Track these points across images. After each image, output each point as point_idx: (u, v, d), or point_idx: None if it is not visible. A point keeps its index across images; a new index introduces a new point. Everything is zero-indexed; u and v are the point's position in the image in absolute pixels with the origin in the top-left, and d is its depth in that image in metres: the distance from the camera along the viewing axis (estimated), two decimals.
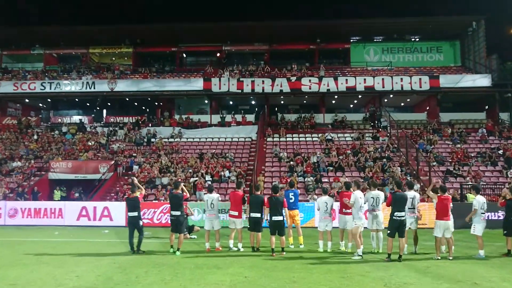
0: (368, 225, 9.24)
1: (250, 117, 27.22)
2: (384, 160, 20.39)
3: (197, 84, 26.97)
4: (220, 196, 16.29)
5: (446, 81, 26.01)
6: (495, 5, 31.39)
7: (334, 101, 28.58)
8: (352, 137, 24.06)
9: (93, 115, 30.47)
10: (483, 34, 27.98)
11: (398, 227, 8.20)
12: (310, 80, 26.36)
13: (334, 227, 9.84)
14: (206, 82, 26.71)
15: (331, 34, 29.57)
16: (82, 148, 23.50)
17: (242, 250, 9.58)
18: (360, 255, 8.46)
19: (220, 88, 26.54)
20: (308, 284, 6.43)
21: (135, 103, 30.60)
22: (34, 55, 32.42)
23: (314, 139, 24.13)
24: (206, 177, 19.15)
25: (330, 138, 23.68)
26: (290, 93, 26.61)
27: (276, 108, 29.85)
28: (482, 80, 25.98)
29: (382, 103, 27.09)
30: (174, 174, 19.48)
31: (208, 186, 10.70)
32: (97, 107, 29.97)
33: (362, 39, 31.05)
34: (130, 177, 20.01)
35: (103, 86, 27.24)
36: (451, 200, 8.97)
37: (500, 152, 21.35)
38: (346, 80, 26.28)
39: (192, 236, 12.36)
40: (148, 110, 30.45)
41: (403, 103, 30.12)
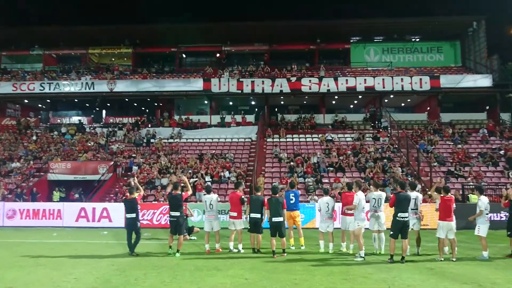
0: (370, 226, 9.15)
1: (250, 117, 27.12)
2: (384, 160, 20.31)
3: (196, 84, 26.88)
4: (220, 197, 16.26)
5: (446, 81, 25.96)
6: (496, 5, 31.32)
7: (334, 101, 28.49)
8: (352, 137, 23.99)
9: (92, 116, 30.32)
10: (483, 34, 27.94)
11: (402, 228, 8.10)
12: (310, 81, 26.28)
13: (336, 228, 9.75)
14: (206, 82, 26.63)
15: (331, 34, 29.50)
16: (81, 148, 23.38)
17: (242, 251, 9.49)
18: (362, 257, 8.36)
19: (220, 89, 26.45)
20: (310, 286, 6.34)
21: (135, 104, 30.49)
22: (33, 56, 32.34)
23: (314, 139, 24.05)
24: (206, 177, 19.05)
25: (331, 138, 23.59)
26: (290, 93, 26.53)
27: (276, 109, 29.77)
28: (483, 81, 25.94)
29: (382, 104, 27.03)
30: (174, 175, 19.35)
31: (206, 186, 10.49)
32: (96, 108, 29.85)
33: (362, 39, 30.98)
34: (130, 177, 19.99)
35: (102, 87, 27.15)
36: (454, 201, 8.85)
37: (501, 152, 21.27)
38: (346, 80, 26.21)
39: (192, 238, 12.26)
40: (147, 110, 30.33)
41: (403, 104, 30.03)
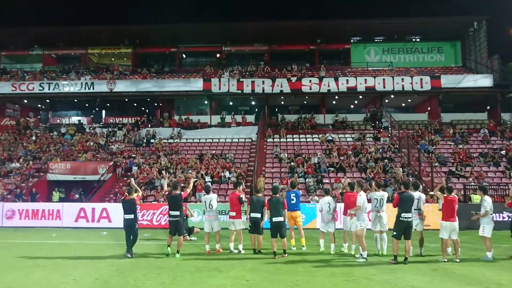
0: (372, 226, 9.04)
1: (250, 117, 27.03)
2: (385, 160, 20.23)
3: (196, 84, 26.80)
4: (221, 197, 16.16)
5: (447, 81, 25.89)
6: (496, 5, 31.26)
7: (334, 101, 28.40)
8: (353, 137, 23.92)
9: (92, 116, 30.19)
10: (484, 34, 27.89)
11: (405, 229, 8.00)
12: (310, 81, 26.21)
13: (337, 229, 9.65)
14: (206, 82, 26.54)
15: (331, 34, 29.42)
16: (81, 149, 23.29)
17: (243, 252, 9.39)
18: (364, 258, 8.26)
19: (220, 89, 26.37)
20: None
21: (134, 104, 30.37)
22: (32, 56, 32.24)
23: (315, 139, 23.96)
24: (206, 178, 18.96)
25: (331, 138, 23.50)
26: (291, 93, 26.45)
27: (276, 109, 29.68)
28: (484, 81, 25.87)
29: (383, 104, 26.95)
30: (173, 175, 19.27)
31: (205, 186, 10.28)
32: (96, 108, 29.73)
33: (363, 40, 30.90)
34: (130, 178, 19.87)
35: (102, 87, 27.05)
36: (458, 201, 8.76)
37: (503, 152, 21.21)
38: (347, 80, 26.13)
39: (192, 238, 12.17)
40: (147, 110, 30.20)
41: (404, 104, 29.94)
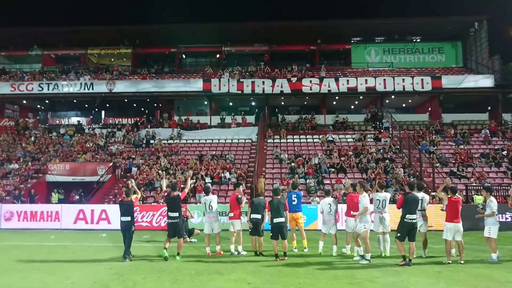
0: (375, 227, 8.91)
1: (250, 118, 26.89)
2: (386, 161, 20.12)
3: (196, 85, 26.68)
4: (221, 198, 16.00)
5: (448, 81, 25.80)
6: (497, 5, 31.16)
7: (335, 102, 28.29)
8: (353, 138, 23.81)
9: (91, 117, 30.05)
10: (485, 34, 27.79)
11: (410, 230, 7.86)
12: (311, 81, 26.11)
13: (339, 230, 9.52)
14: (206, 83, 26.43)
15: (331, 34, 29.29)
16: (80, 150, 23.15)
17: (243, 253, 9.25)
18: (368, 260, 8.13)
19: (220, 89, 26.25)
20: None
21: (134, 104, 30.27)
22: (32, 56, 32.11)
23: (315, 140, 23.84)
24: (206, 179, 18.84)
25: (332, 139, 23.37)
26: (291, 94, 26.34)
27: (276, 109, 29.56)
28: (485, 81, 25.79)
29: (383, 104, 26.84)
30: (173, 176, 19.15)
31: (205, 188, 10.12)
32: (95, 109, 29.60)
33: (363, 40, 30.78)
34: (129, 179, 19.74)
35: (101, 87, 26.92)
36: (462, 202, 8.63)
37: (504, 153, 21.10)
38: (347, 80, 26.03)
39: (192, 240, 12.04)
40: (147, 111, 30.06)
41: (404, 104, 29.83)
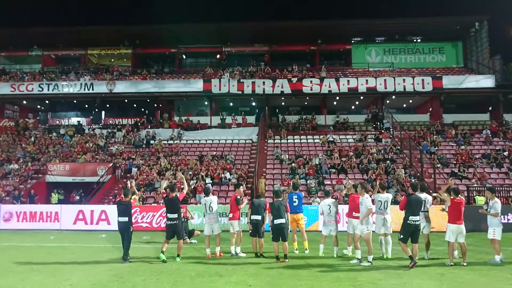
0: (376, 229, 8.83)
1: (251, 118, 26.82)
2: (387, 162, 20.05)
3: (196, 85, 26.62)
4: (221, 199, 15.91)
5: (449, 82, 25.75)
6: (498, 5, 31.09)
7: (335, 102, 28.23)
8: (354, 138, 23.75)
9: (91, 117, 29.96)
10: (486, 35, 27.72)
11: (413, 232, 7.76)
12: (311, 81, 26.05)
13: (340, 231, 9.44)
14: (206, 83, 26.37)
15: (332, 35, 29.22)
16: (80, 150, 23.09)
17: (241, 254, 9.10)
18: (370, 262, 8.06)
19: (220, 89, 26.19)
20: None
21: (134, 105, 30.22)
22: (32, 57, 32.09)
23: (316, 140, 23.78)
24: (207, 179, 18.77)
25: (332, 139, 23.30)
26: (291, 94, 26.29)
27: (277, 110, 29.47)
28: (486, 81, 25.72)
29: (384, 104, 26.77)
30: (173, 176, 19.07)
31: (205, 188, 10.01)
32: (95, 109, 29.53)
33: (364, 40, 30.73)
34: (129, 179, 19.66)
35: (101, 88, 26.88)
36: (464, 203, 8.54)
37: (505, 153, 21.02)
38: (348, 81, 25.98)
39: (192, 241, 11.95)
40: (147, 111, 30.00)
41: (405, 105, 29.75)
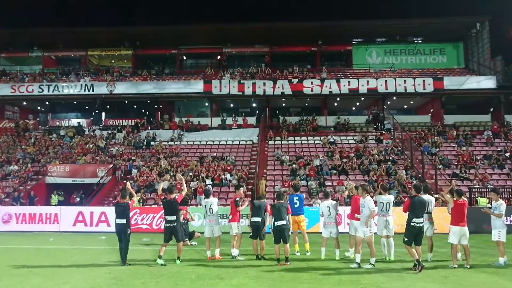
0: (378, 231, 8.75)
1: (251, 119, 26.75)
2: (388, 163, 19.97)
3: (197, 86, 26.55)
4: (221, 200, 15.80)
5: (450, 83, 25.70)
6: (499, 6, 31.02)
7: (336, 103, 28.16)
8: (355, 139, 23.68)
9: (91, 118, 29.94)
10: (487, 35, 27.64)
11: (416, 235, 7.64)
12: (312, 82, 25.99)
13: (342, 233, 9.34)
14: (207, 84, 26.32)
15: (332, 36, 29.15)
16: (80, 151, 23.02)
17: (239, 258, 8.94)
18: (372, 264, 7.96)
19: (220, 91, 26.14)
20: None
21: (134, 106, 30.17)
22: (32, 58, 32.08)
23: (317, 142, 23.72)
24: (207, 181, 18.69)
25: (333, 141, 23.21)
26: (292, 95, 26.23)
27: (277, 111, 29.37)
28: (487, 82, 25.66)
29: (385, 105, 26.69)
30: (173, 178, 18.99)
31: (205, 190, 9.88)
32: (95, 110, 29.48)
33: (364, 41, 30.68)
34: (129, 181, 19.56)
35: (102, 89, 26.83)
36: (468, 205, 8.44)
37: (507, 154, 20.93)
38: (349, 82, 25.94)
39: (192, 243, 11.87)
40: (147, 113, 29.96)
41: (406, 106, 29.70)
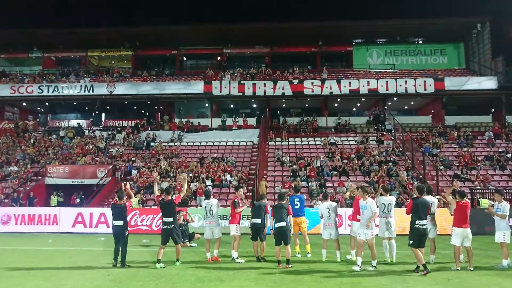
0: (380, 232, 8.66)
1: (252, 120, 26.68)
2: (389, 164, 19.87)
3: (197, 87, 26.47)
4: (221, 201, 15.72)
5: (451, 83, 25.62)
6: (500, 6, 30.93)
7: (336, 104, 28.08)
8: (356, 140, 23.60)
9: (91, 119, 29.92)
10: (488, 36, 27.54)
11: (421, 237, 7.53)
12: (312, 83, 25.92)
13: (341, 234, 9.24)
14: (207, 85, 26.25)
15: (333, 36, 29.06)
16: (80, 152, 22.96)
17: (238, 260, 8.80)
18: (374, 266, 7.87)
19: (221, 91, 26.07)
20: None
21: (134, 107, 30.09)
22: (32, 58, 32.01)
23: (317, 142, 23.64)
24: (207, 181, 18.61)
25: (334, 141, 23.14)
26: (292, 96, 26.14)
27: (278, 112, 29.30)
28: (488, 83, 25.57)
29: (386, 106, 26.61)
30: (173, 179, 18.93)
31: (205, 191, 9.77)
32: (95, 111, 29.43)
33: (365, 42, 30.60)
34: (126, 182, 19.47)
35: (102, 89, 26.76)
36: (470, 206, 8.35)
37: (508, 155, 20.84)
38: (349, 82, 25.86)
39: (192, 244, 11.79)
40: (147, 113, 29.88)
41: (407, 106, 29.62)
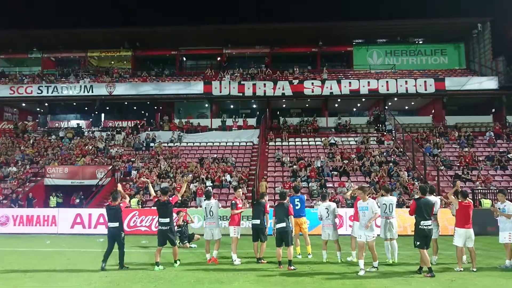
0: (381, 233, 8.57)
1: (252, 121, 26.59)
2: (390, 164, 19.78)
3: (197, 87, 26.40)
4: (221, 202, 15.63)
5: (451, 83, 25.56)
6: (500, 7, 30.88)
7: (337, 104, 28.01)
8: (356, 141, 23.52)
9: (91, 120, 29.84)
10: (488, 36, 27.48)
11: (426, 238, 7.41)
12: (312, 83, 25.86)
13: (342, 235, 9.14)
14: (207, 85, 26.17)
15: (333, 36, 29.00)
16: (79, 153, 22.86)
17: (236, 262, 8.67)
18: (376, 267, 7.78)
19: (220, 92, 25.99)
20: None
21: (134, 107, 30.02)
22: (31, 59, 31.95)
23: (317, 143, 23.56)
24: (207, 182, 18.52)
25: (334, 142, 23.05)
26: (292, 96, 26.08)
27: (278, 112, 29.22)
28: (489, 83, 25.51)
29: (386, 106, 26.52)
30: (173, 179, 18.84)
31: (205, 192, 9.68)
32: (95, 111, 29.38)
33: (365, 42, 30.55)
34: (129, 182, 19.42)
35: (101, 90, 26.70)
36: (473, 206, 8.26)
37: (509, 155, 20.76)
38: (350, 83, 25.80)
39: (192, 245, 11.69)
40: (147, 114, 29.78)
41: (407, 107, 29.54)
